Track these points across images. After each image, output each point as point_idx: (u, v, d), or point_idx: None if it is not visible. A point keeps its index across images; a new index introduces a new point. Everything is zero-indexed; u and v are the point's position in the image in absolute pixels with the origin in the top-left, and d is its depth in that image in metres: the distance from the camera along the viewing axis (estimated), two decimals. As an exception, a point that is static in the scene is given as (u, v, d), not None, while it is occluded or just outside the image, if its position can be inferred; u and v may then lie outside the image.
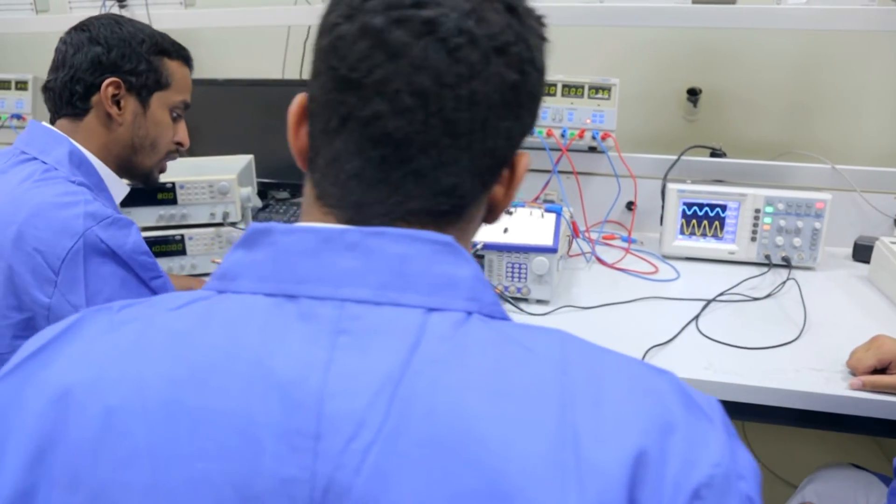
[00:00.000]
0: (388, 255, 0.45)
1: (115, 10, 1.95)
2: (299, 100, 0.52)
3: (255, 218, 1.70)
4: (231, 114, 1.92)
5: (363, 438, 0.39)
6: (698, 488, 0.40)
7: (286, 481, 0.39)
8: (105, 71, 1.05)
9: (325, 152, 0.48)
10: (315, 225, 0.47)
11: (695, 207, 1.55)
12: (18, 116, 2.11)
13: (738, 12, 1.54)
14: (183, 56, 1.15)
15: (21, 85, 2.12)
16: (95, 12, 1.98)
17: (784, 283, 1.41)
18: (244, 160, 1.64)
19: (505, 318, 0.47)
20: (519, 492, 0.38)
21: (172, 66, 1.12)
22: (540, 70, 0.50)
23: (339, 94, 0.46)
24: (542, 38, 0.50)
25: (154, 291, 0.99)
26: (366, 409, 0.40)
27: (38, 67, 2.21)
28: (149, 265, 0.98)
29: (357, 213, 0.47)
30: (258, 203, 1.55)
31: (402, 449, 0.39)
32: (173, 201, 1.44)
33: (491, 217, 0.54)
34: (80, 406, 0.43)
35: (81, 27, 1.08)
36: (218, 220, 1.46)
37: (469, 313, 0.44)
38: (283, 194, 1.93)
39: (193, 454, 0.41)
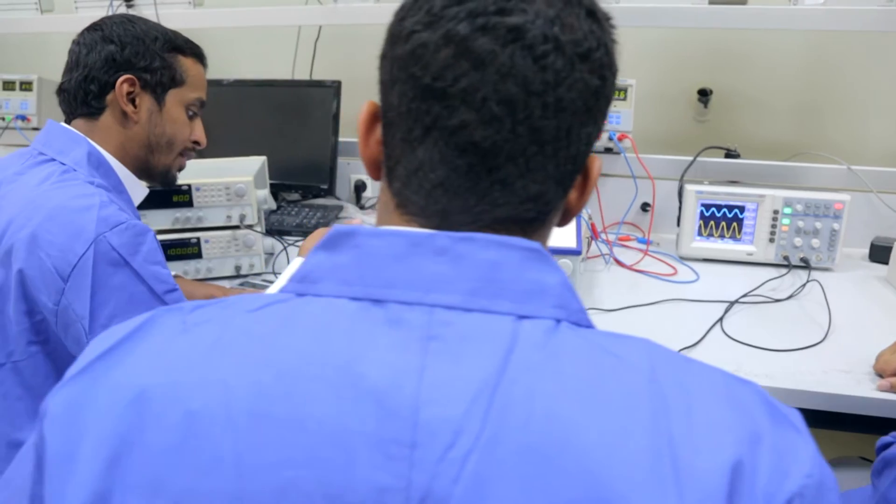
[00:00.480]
0: (479, 261, 0.44)
1: (123, 10, 1.93)
2: (368, 108, 0.51)
3: (267, 220, 1.68)
4: (240, 115, 1.90)
5: (461, 447, 0.38)
6: (791, 498, 0.40)
7: (381, 490, 0.39)
8: (119, 69, 1.03)
9: (407, 161, 0.47)
10: (402, 228, 0.47)
11: (713, 209, 1.54)
12: (23, 118, 2.09)
13: (755, 13, 1.54)
14: (196, 53, 1.13)
15: (26, 86, 2.10)
16: (102, 12, 1.97)
17: (804, 284, 1.41)
18: (258, 162, 1.62)
19: (590, 325, 0.47)
20: (621, 499, 0.37)
21: (186, 64, 1.10)
22: (615, 74, 0.50)
23: (422, 102, 0.45)
24: (615, 42, 0.50)
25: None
26: (463, 417, 0.39)
27: (43, 68, 2.19)
28: (162, 277, 0.95)
29: (443, 221, 0.47)
30: (272, 205, 1.53)
31: (501, 457, 0.38)
32: (189, 204, 1.42)
33: (564, 221, 0.53)
34: (158, 409, 0.42)
35: (94, 27, 1.06)
36: (234, 222, 1.44)
37: (558, 321, 0.44)
38: (294, 196, 1.92)
39: (282, 462, 0.40)
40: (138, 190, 1.13)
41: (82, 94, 1.04)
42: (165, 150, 1.11)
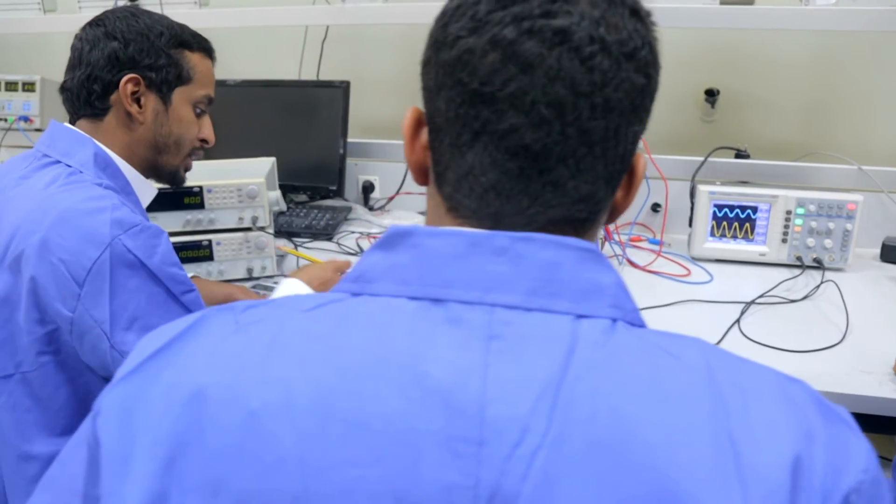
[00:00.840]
0: (537, 261, 0.45)
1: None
2: (412, 114, 0.52)
3: (275, 222, 1.67)
4: (247, 116, 1.89)
5: (529, 444, 0.39)
6: (848, 494, 0.40)
7: (449, 488, 0.39)
8: (123, 67, 0.99)
9: (457, 165, 0.47)
10: (460, 229, 0.47)
11: (725, 209, 1.54)
12: (26, 119, 2.06)
13: (767, 14, 1.54)
14: (204, 48, 1.09)
15: (28, 86, 2.08)
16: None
17: (819, 285, 1.41)
18: (268, 163, 1.61)
19: (643, 325, 0.47)
20: (688, 495, 0.38)
21: (194, 59, 1.06)
22: (658, 71, 0.50)
23: (470, 107, 0.46)
24: (657, 39, 0.50)
25: (185, 307, 0.93)
26: (529, 415, 0.39)
27: (46, 68, 2.17)
28: (179, 278, 0.93)
29: (496, 223, 0.47)
30: (283, 207, 1.52)
31: (568, 454, 0.39)
32: (200, 206, 1.41)
33: (610, 220, 0.54)
34: (216, 409, 0.42)
35: (96, 22, 1.02)
36: (246, 224, 1.43)
37: (614, 320, 0.45)
38: (302, 197, 1.91)
39: (347, 461, 0.40)
40: (147, 191, 1.10)
41: (85, 94, 1.00)
42: (173, 151, 1.08)
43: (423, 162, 0.52)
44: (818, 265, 1.49)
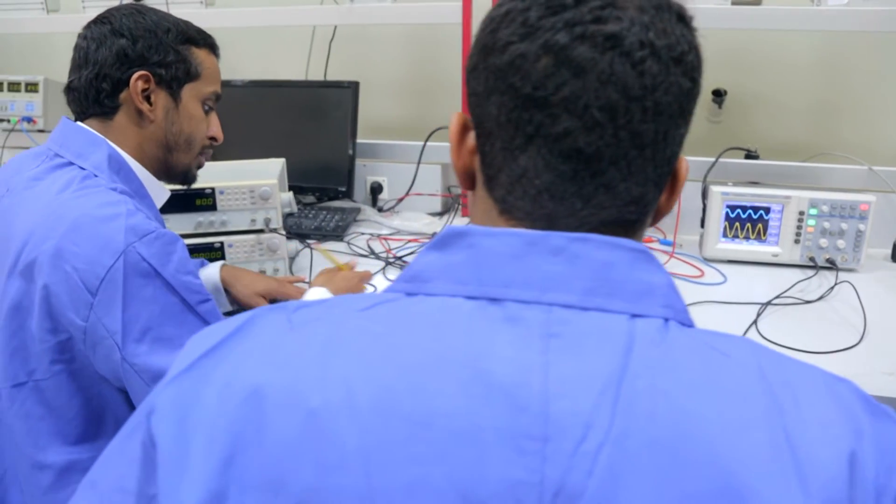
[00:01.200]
0: (593, 261, 0.45)
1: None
2: (458, 119, 0.53)
3: (284, 224, 1.65)
4: (254, 116, 1.87)
5: (592, 440, 0.39)
6: None
7: (514, 485, 0.39)
8: (132, 64, 0.98)
9: (510, 169, 0.48)
10: (516, 229, 0.47)
11: (738, 210, 1.54)
12: (29, 119, 2.04)
13: (779, 14, 1.54)
14: (209, 44, 1.08)
15: (31, 87, 2.06)
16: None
17: (834, 286, 1.41)
18: (278, 164, 1.60)
19: (693, 325, 0.48)
20: (751, 490, 0.38)
21: (200, 56, 1.05)
22: (701, 75, 0.51)
23: (523, 111, 0.46)
24: (700, 44, 0.51)
25: (201, 317, 0.91)
26: (592, 411, 0.40)
27: (49, 69, 2.15)
28: (195, 287, 0.91)
29: (549, 225, 0.48)
30: (294, 208, 1.51)
31: (631, 450, 0.39)
32: (212, 207, 1.39)
33: (654, 222, 0.54)
34: (275, 407, 0.42)
35: (101, 20, 1.01)
36: (259, 226, 1.42)
37: (666, 320, 0.45)
38: (309, 198, 1.89)
39: (411, 458, 0.40)
40: (160, 193, 1.09)
41: (94, 94, 0.98)
42: (184, 149, 1.06)
43: (469, 166, 0.53)
44: (831, 266, 1.49)
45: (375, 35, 1.99)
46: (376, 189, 1.90)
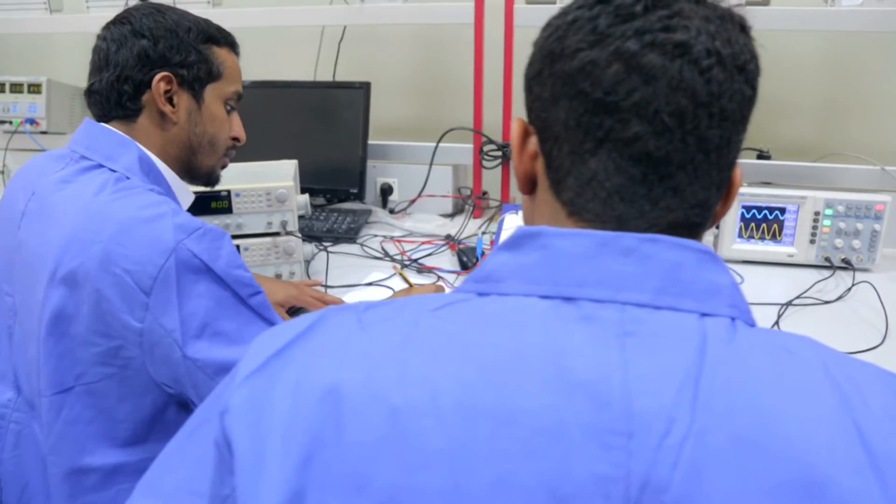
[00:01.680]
0: (663, 262, 0.46)
1: (139, 10, 1.87)
2: (520, 125, 0.55)
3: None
4: (263, 117, 1.85)
5: (675, 435, 0.40)
6: None
7: (601, 480, 0.39)
8: (154, 65, 0.96)
9: (579, 172, 0.50)
10: (587, 230, 0.48)
11: (753, 210, 1.54)
12: (32, 121, 2.01)
13: (792, 14, 1.54)
14: (230, 42, 1.07)
15: (34, 88, 2.03)
16: (115, 12, 1.91)
17: (852, 286, 1.41)
18: (291, 165, 1.58)
19: (755, 324, 0.49)
20: (831, 482, 0.39)
21: (222, 55, 1.03)
22: (758, 83, 0.53)
23: (593, 116, 0.48)
24: (758, 54, 0.54)
25: (253, 310, 0.90)
26: (673, 407, 0.40)
27: (51, 69, 2.13)
28: (245, 280, 0.90)
29: (619, 226, 0.49)
30: (309, 211, 1.49)
31: (712, 445, 0.40)
32: (228, 210, 1.38)
33: (710, 226, 0.56)
34: (355, 405, 0.42)
35: (121, 20, 0.99)
36: (275, 229, 1.40)
37: (733, 319, 0.46)
38: (319, 200, 1.88)
39: (497, 455, 0.40)
40: (185, 195, 1.07)
41: (116, 96, 0.96)
42: (208, 150, 1.05)
43: (530, 171, 0.54)
44: (848, 266, 1.49)
45: (384, 35, 1.98)
46: (386, 190, 1.89)
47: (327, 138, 1.83)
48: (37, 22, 2.00)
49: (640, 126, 0.47)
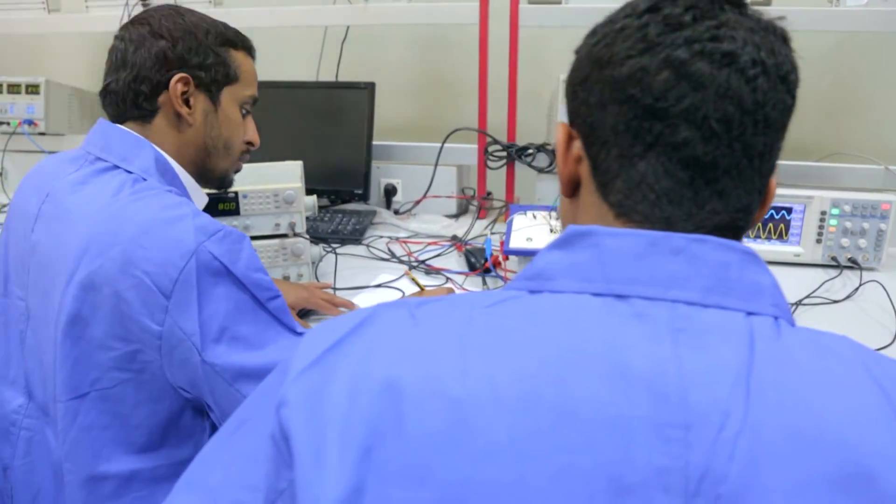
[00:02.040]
0: (711, 262, 0.48)
1: (139, 9, 1.86)
2: (564, 129, 0.57)
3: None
4: (266, 118, 1.83)
5: (731, 428, 0.41)
6: None
7: (660, 471, 0.40)
8: (172, 67, 0.96)
9: (627, 175, 0.52)
10: (638, 230, 0.50)
11: (760, 210, 1.54)
12: (30, 122, 1.99)
13: (797, 15, 1.55)
14: (247, 46, 1.06)
15: (32, 88, 2.00)
16: (115, 11, 1.89)
17: (860, 285, 1.42)
18: (297, 166, 1.57)
19: (794, 323, 0.50)
20: (879, 475, 0.40)
21: (239, 58, 1.03)
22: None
23: (643, 121, 0.50)
24: (798, 65, 0.56)
25: (272, 314, 0.89)
26: (728, 401, 0.42)
27: (50, 70, 2.10)
28: (265, 284, 0.89)
29: (667, 227, 0.51)
30: (316, 212, 1.48)
31: (766, 437, 0.41)
32: (235, 212, 1.36)
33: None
34: (415, 399, 0.43)
35: (140, 21, 0.99)
36: (283, 230, 1.39)
37: (776, 318, 0.48)
38: (324, 201, 1.87)
39: (560, 447, 0.41)
40: (199, 197, 1.07)
41: (132, 96, 0.96)
42: (223, 154, 1.04)
43: (574, 174, 0.56)
44: (855, 265, 1.50)
45: (387, 36, 1.97)
46: (390, 191, 1.88)
47: (331, 139, 1.82)
48: (35, 22, 1.97)
49: (689, 131, 0.49)
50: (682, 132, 0.49)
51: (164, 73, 0.96)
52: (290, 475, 0.44)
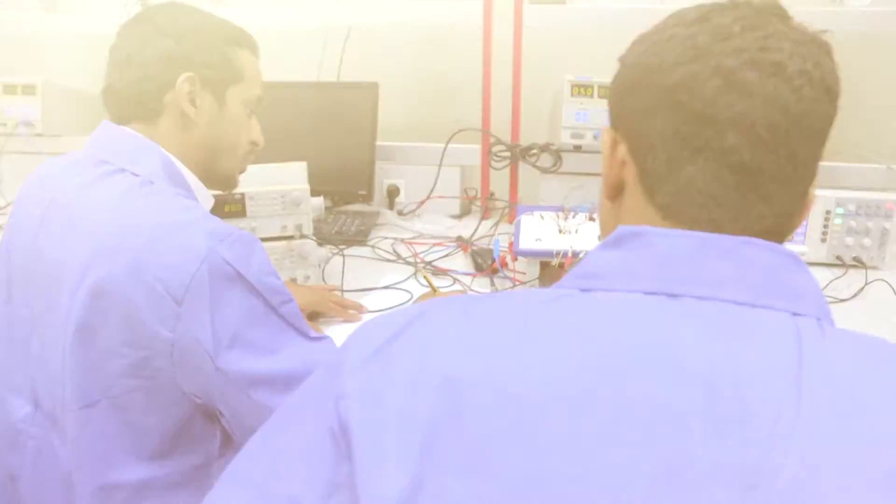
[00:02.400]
0: (759, 264, 0.49)
1: (139, 9, 1.84)
2: (610, 134, 0.59)
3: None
4: (268, 118, 1.82)
5: (785, 423, 0.42)
6: None
7: (718, 465, 0.41)
8: (178, 65, 0.94)
9: (675, 179, 0.53)
10: (689, 231, 0.51)
11: (765, 210, 1.55)
12: (27, 123, 1.96)
13: (801, 15, 1.55)
14: (251, 45, 1.04)
15: (28, 89, 1.97)
16: (114, 11, 1.87)
17: (866, 284, 1.42)
18: (302, 167, 1.56)
19: (834, 325, 0.51)
20: None
21: (244, 57, 1.01)
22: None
23: (692, 127, 0.51)
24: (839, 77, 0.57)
25: (284, 319, 0.88)
26: (781, 397, 0.43)
27: (47, 70, 2.07)
28: (277, 288, 0.88)
29: (715, 230, 0.52)
30: (322, 213, 1.47)
31: (818, 432, 0.42)
32: (242, 214, 1.35)
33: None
34: (474, 393, 0.44)
35: (143, 18, 0.97)
36: (290, 232, 1.38)
37: (819, 319, 0.49)
38: (326, 202, 1.85)
39: (618, 442, 0.42)
40: (206, 199, 1.05)
41: (137, 95, 0.94)
42: (228, 154, 1.03)
43: (619, 178, 0.58)
44: (860, 264, 1.50)
45: (390, 35, 1.96)
46: (393, 192, 1.87)
47: (334, 139, 1.81)
48: (32, 21, 1.95)
49: (737, 138, 0.50)
50: (731, 138, 0.50)
51: (170, 73, 0.94)
52: (349, 468, 0.44)
